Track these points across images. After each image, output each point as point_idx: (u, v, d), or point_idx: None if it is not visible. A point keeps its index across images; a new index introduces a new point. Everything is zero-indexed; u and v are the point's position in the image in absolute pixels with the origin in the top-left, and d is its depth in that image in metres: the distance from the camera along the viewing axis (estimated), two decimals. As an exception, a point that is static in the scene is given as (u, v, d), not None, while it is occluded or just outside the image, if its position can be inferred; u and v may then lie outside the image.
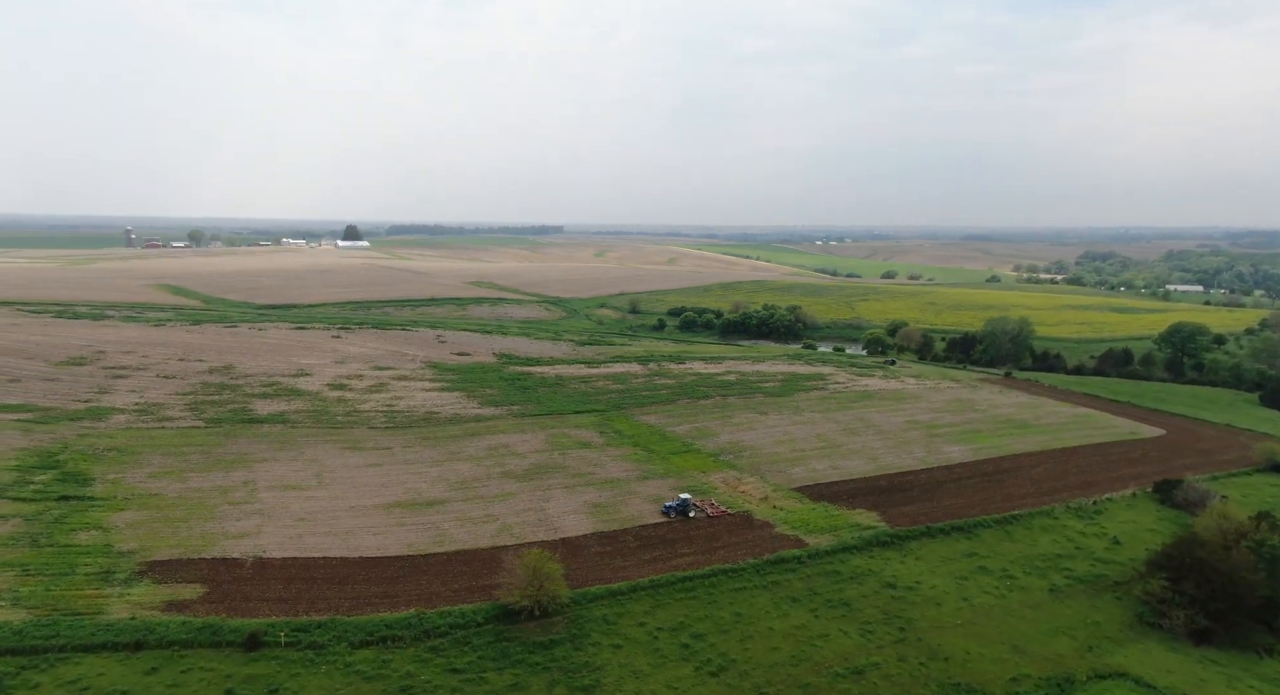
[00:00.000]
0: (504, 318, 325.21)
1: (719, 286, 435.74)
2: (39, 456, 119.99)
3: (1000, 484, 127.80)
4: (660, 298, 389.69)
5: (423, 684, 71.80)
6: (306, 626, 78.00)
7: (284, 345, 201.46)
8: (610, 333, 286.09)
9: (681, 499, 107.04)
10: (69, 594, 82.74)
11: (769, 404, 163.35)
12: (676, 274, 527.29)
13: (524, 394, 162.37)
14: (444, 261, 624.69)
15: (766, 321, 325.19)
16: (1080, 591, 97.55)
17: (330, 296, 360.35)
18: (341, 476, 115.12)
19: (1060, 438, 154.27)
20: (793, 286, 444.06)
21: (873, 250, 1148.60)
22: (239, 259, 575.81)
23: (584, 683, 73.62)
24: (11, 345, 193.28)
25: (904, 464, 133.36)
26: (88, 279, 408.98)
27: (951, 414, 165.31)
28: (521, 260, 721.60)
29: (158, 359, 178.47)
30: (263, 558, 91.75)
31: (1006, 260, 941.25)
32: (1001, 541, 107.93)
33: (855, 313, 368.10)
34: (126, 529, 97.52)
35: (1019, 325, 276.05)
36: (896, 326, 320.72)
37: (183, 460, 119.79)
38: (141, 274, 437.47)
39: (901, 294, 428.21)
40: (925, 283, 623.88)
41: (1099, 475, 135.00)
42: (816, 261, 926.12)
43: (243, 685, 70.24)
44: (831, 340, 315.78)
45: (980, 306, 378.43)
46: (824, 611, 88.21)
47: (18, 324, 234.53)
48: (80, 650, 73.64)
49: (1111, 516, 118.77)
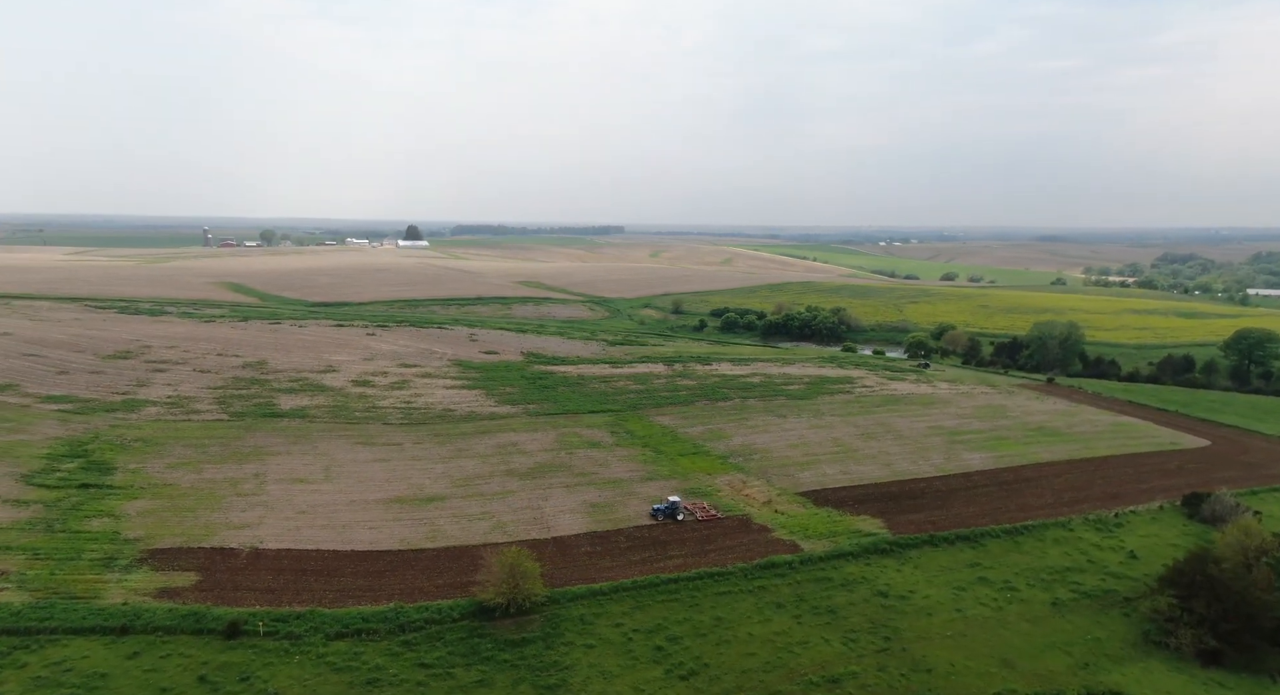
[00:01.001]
0: (546, 317, 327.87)
1: (766, 287, 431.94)
2: (70, 445, 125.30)
3: (1018, 493, 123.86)
4: (705, 298, 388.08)
5: (390, 677, 72.85)
6: (286, 617, 79.78)
7: (319, 342, 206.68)
8: (648, 333, 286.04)
9: (670, 501, 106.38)
10: (71, 578, 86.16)
11: (789, 407, 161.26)
12: (725, 274, 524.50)
13: (543, 393, 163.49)
14: (497, 261, 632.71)
15: (809, 323, 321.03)
16: (1085, 606, 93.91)
17: (381, 295, 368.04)
18: (349, 471, 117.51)
19: (1091, 447, 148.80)
20: (841, 288, 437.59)
21: (936, 251, 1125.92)
22: (302, 258, 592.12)
23: (550, 682, 73.76)
24: (67, 339, 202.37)
25: (919, 471, 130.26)
26: (157, 277, 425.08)
27: (979, 420, 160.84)
28: (575, 260, 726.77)
29: (197, 354, 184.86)
30: (258, 548, 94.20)
31: (1078, 262, 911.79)
32: (1008, 552, 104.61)
33: (903, 315, 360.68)
34: (136, 517, 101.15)
35: (1067, 329, 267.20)
36: (943, 329, 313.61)
37: (202, 452, 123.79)
38: (208, 272, 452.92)
39: (954, 296, 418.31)
40: (985, 285, 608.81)
41: (1127, 487, 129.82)
42: (875, 263, 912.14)
43: (216, 672, 72.21)
44: (876, 343, 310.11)
45: (1034, 310, 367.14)
46: (808, 618, 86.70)
47: (80, 319, 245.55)
48: (70, 633, 76.63)
49: (1132, 530, 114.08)
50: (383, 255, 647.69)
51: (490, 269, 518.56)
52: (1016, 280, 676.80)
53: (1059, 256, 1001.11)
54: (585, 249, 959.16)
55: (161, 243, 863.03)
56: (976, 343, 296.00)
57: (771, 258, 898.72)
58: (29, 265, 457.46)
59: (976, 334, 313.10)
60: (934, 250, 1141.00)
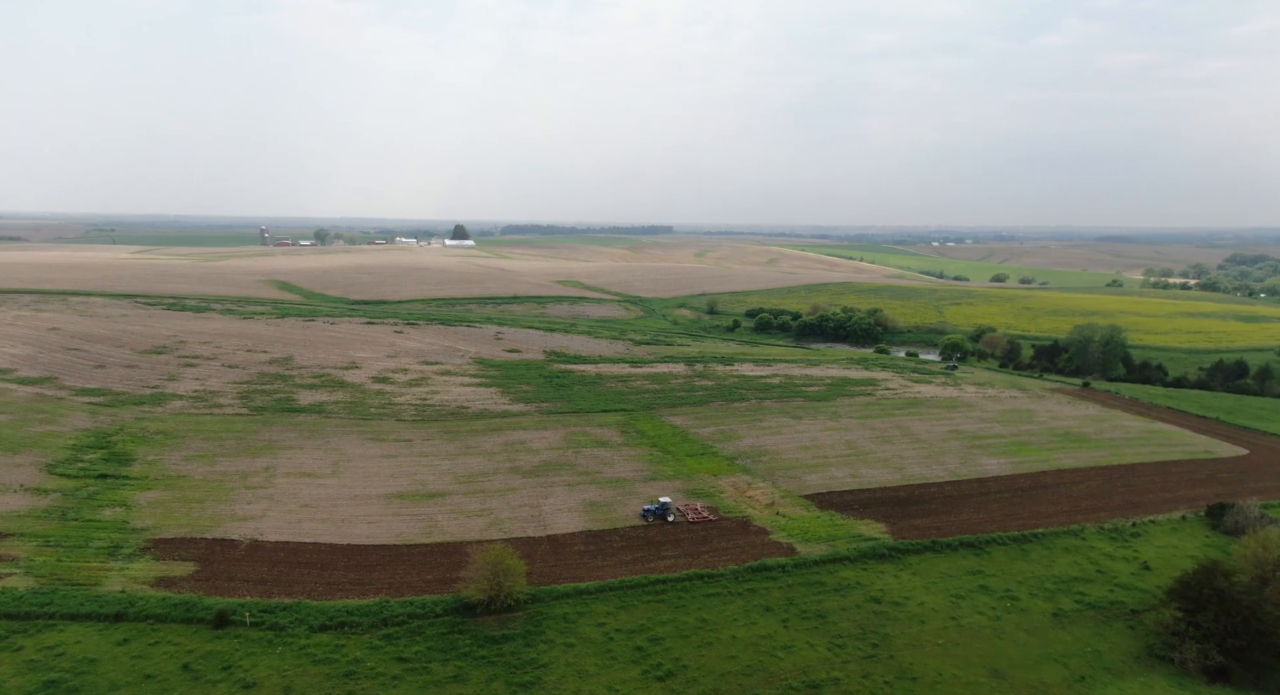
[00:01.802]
0: (580, 316, 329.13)
1: (803, 288, 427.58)
2: (95, 437, 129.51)
3: (1032, 500, 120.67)
4: (741, 298, 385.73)
5: (367, 670, 73.78)
6: (273, 608, 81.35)
7: (347, 339, 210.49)
8: (679, 333, 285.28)
9: (661, 502, 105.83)
10: (75, 566, 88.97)
11: (806, 408, 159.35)
12: (764, 275, 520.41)
13: (559, 391, 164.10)
14: (538, 261, 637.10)
15: (844, 324, 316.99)
16: (1088, 618, 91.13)
17: (419, 293, 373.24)
18: (357, 466, 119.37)
19: (1119, 454, 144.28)
20: (881, 289, 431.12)
21: (989, 252, 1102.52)
22: (348, 257, 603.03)
23: (524, 679, 73.95)
24: (110, 334, 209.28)
25: (932, 475, 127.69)
26: (209, 275, 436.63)
27: (1002, 425, 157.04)
28: (617, 260, 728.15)
29: (229, 349, 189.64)
30: (258, 540, 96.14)
31: (1140, 264, 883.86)
32: (1014, 560, 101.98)
33: (942, 317, 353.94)
34: (147, 507, 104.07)
35: (1109, 332, 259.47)
36: (982, 332, 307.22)
37: (218, 445, 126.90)
38: (257, 271, 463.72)
39: (997, 298, 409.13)
40: (1035, 286, 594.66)
41: (1150, 495, 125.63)
42: (925, 264, 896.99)
43: (201, 661, 73.93)
44: (912, 345, 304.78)
45: (1080, 312, 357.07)
46: (796, 622, 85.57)
47: (127, 315, 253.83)
48: (67, 618, 79.14)
49: (1150, 540, 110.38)
50: (427, 254, 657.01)
51: (530, 268, 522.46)
52: (1070, 282, 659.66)
53: (1121, 258, 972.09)
54: (629, 249, 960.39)
55: (221, 242, 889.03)
56: (1016, 345, 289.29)
57: (817, 258, 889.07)
58: (91, 263, 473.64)
59: (1017, 337, 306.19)
60: (988, 251, 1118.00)
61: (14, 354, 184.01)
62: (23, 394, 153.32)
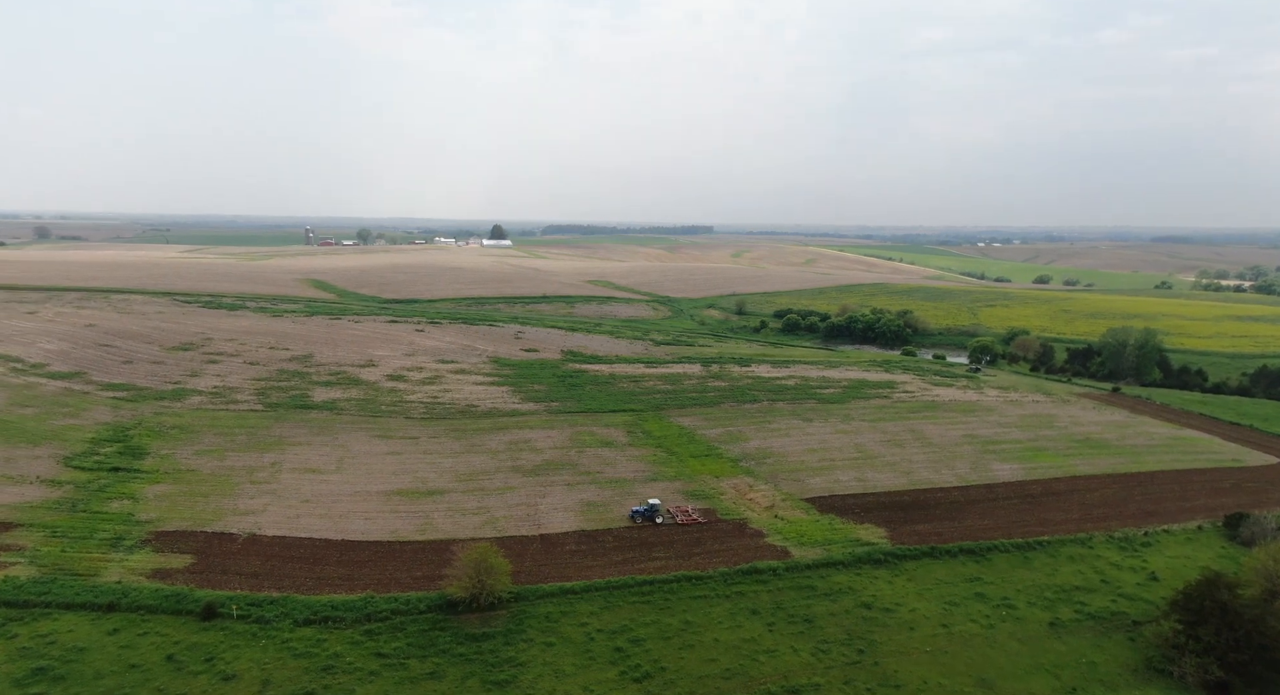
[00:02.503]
0: (607, 316, 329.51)
1: (835, 289, 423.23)
2: (114, 431, 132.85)
3: (1042, 507, 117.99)
4: (771, 299, 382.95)
5: (346, 665, 74.58)
6: (261, 601, 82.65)
7: (368, 337, 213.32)
8: (704, 333, 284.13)
9: (650, 504, 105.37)
10: (77, 556, 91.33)
11: (818, 411, 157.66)
12: (797, 275, 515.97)
13: (570, 391, 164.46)
14: (573, 261, 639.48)
15: (872, 326, 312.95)
16: (1087, 628, 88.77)
17: (451, 292, 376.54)
18: (361, 463, 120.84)
19: (1139, 461, 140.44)
20: (914, 290, 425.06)
21: (1037, 253, 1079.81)
22: (387, 256, 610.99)
23: (500, 678, 74.17)
24: (143, 330, 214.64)
25: (940, 480, 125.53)
26: (249, 273, 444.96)
27: (1020, 430, 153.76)
28: (652, 260, 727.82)
29: (252, 346, 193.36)
30: (256, 534, 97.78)
31: (1195, 265, 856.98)
32: (1015, 568, 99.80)
33: (976, 319, 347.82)
34: (154, 500, 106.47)
35: (1144, 336, 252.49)
36: (1014, 334, 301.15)
37: (230, 440, 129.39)
38: (296, 270, 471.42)
39: (1034, 300, 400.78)
40: (1081, 288, 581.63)
41: (1167, 504, 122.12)
42: (967, 265, 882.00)
43: (185, 652, 75.37)
44: (942, 347, 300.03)
45: (1120, 315, 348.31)
46: (782, 626, 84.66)
47: (163, 312, 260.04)
48: (62, 607, 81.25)
49: (1161, 550, 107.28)
50: (463, 254, 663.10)
51: (563, 268, 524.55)
52: (1118, 284, 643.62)
53: (1176, 259, 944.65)
54: (666, 248, 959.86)
55: (268, 241, 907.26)
56: (1049, 349, 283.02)
57: (856, 259, 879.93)
58: (138, 262, 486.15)
59: (1052, 340, 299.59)
60: (1035, 251, 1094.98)
61: (49, 349, 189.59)
62: (51, 388, 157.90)
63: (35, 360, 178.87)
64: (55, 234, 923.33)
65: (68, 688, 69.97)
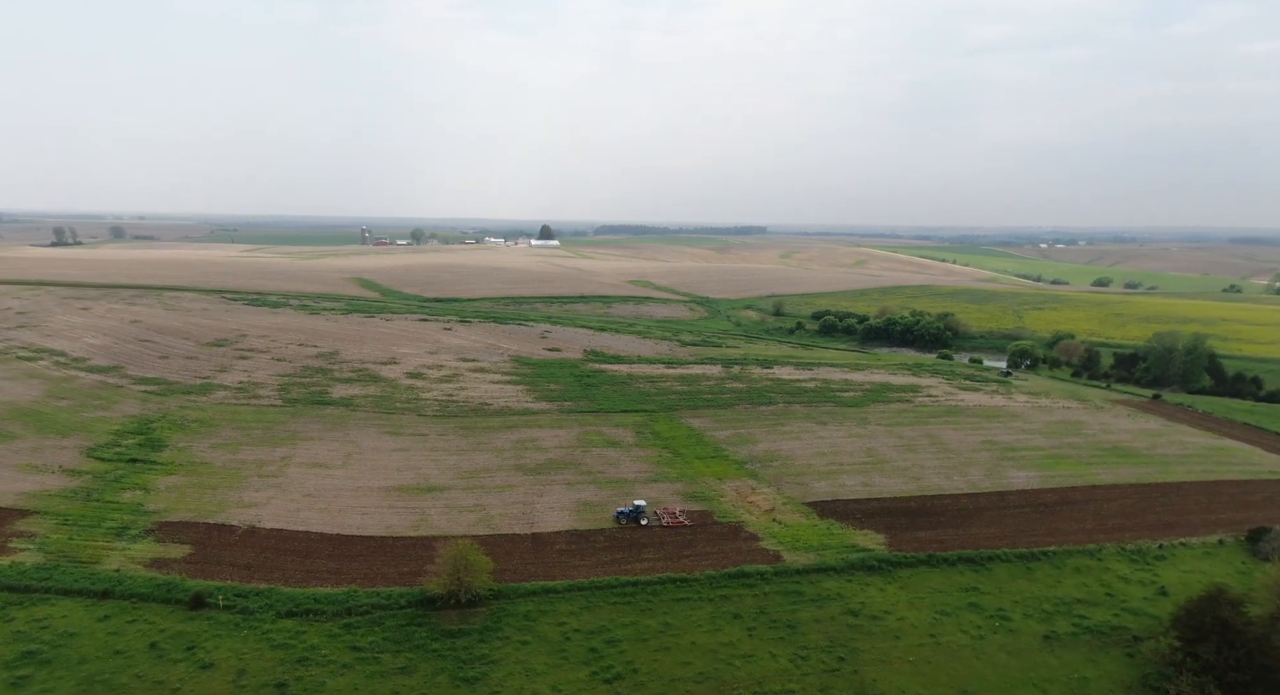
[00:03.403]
0: (642, 316, 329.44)
1: (877, 290, 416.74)
2: (139, 423, 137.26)
3: (1053, 516, 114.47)
4: (810, 300, 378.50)
5: (320, 657, 75.75)
6: (247, 592, 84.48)
7: (395, 335, 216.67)
8: (736, 335, 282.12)
9: (636, 505, 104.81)
10: (83, 544, 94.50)
11: (834, 414, 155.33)
12: (840, 277, 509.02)
13: (585, 390, 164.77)
14: (618, 261, 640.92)
15: (911, 328, 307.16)
16: (1083, 643, 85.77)
17: (491, 292, 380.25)
18: (368, 459, 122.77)
19: (1167, 471, 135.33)
20: (960, 292, 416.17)
21: (1100, 254, 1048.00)
22: (434, 256, 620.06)
23: (470, 674, 74.57)
24: (183, 326, 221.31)
25: (951, 486, 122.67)
26: (299, 272, 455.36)
27: (1044, 437, 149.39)
28: (698, 260, 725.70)
29: (282, 343, 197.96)
30: (255, 527, 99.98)
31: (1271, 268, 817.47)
32: (1015, 579, 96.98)
33: (1021, 322, 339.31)
34: (164, 491, 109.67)
35: (1192, 341, 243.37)
36: (1058, 338, 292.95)
37: (246, 434, 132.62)
38: (345, 269, 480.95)
39: (1085, 303, 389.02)
40: (1142, 291, 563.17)
41: (1189, 516, 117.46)
42: (1024, 267, 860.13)
43: (168, 640, 77.39)
44: (982, 351, 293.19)
45: (1177, 319, 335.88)
46: (763, 631, 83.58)
47: (208, 309, 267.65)
48: (60, 593, 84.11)
49: (1175, 564, 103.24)
50: (510, 254, 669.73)
51: (605, 268, 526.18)
52: (1183, 287, 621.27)
53: (1251, 261, 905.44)
54: (715, 249, 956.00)
55: (326, 241, 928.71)
56: (1095, 353, 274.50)
57: (908, 260, 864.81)
58: (196, 260, 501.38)
59: (1099, 344, 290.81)
60: (1099, 253, 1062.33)
61: (92, 344, 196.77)
62: (88, 381, 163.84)
63: (78, 354, 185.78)
64: (129, 234, 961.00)
65: (53, 671, 72.34)
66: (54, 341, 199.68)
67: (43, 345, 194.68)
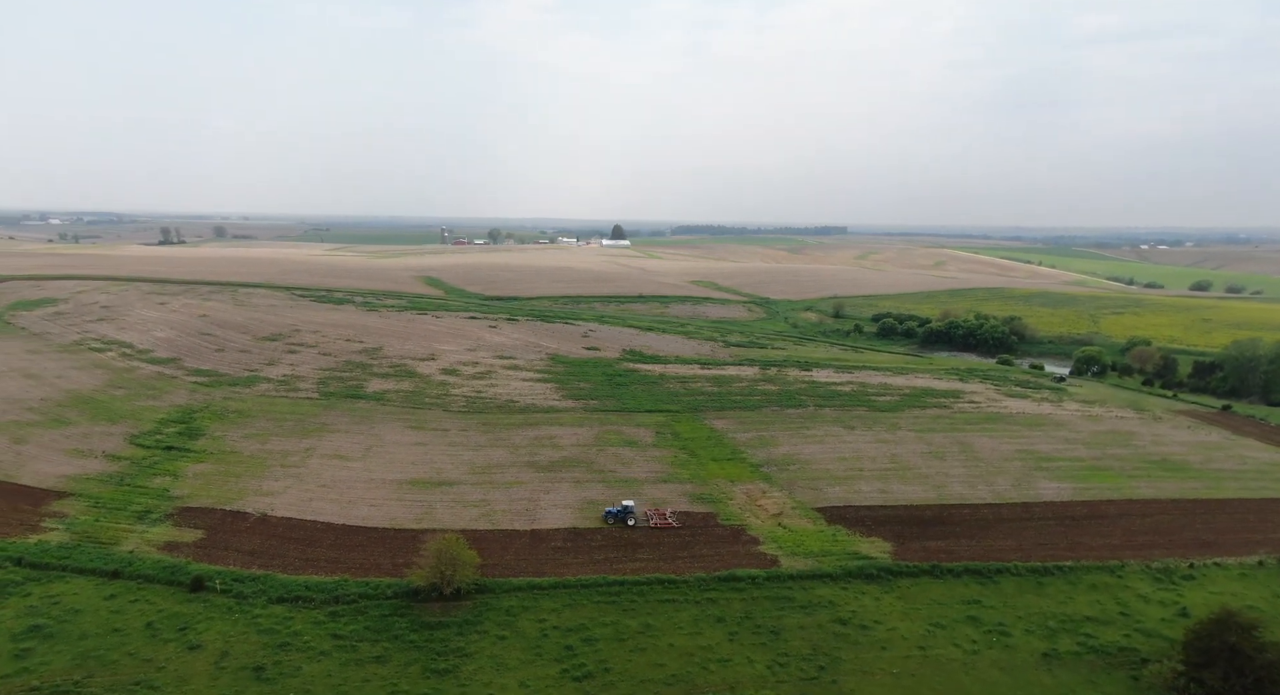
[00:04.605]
0: (697, 316, 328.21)
1: (946, 293, 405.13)
2: (182, 413, 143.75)
3: (1079, 530, 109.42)
4: (874, 302, 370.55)
5: (301, 643, 77.98)
6: (244, 578, 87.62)
7: (441, 332, 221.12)
8: (789, 336, 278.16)
9: (624, 506, 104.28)
10: (106, 526, 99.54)
11: (864, 418, 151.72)
12: (911, 278, 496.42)
13: (613, 390, 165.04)
14: (685, 261, 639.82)
15: (974, 332, 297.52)
16: (1085, 663, 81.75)
17: (551, 290, 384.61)
18: (387, 452, 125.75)
19: (1216, 487, 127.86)
20: (1034, 295, 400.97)
21: (1204, 256, 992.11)
22: (504, 256, 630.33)
23: (441, 666, 75.64)
24: (244, 321, 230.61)
25: (974, 496, 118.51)
26: (371, 271, 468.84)
27: (1086, 447, 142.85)
28: (767, 261, 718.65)
29: (331, 338, 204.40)
30: (267, 515, 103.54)
31: None
32: (1024, 593, 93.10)
33: (1096, 327, 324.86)
34: (191, 478, 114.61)
35: (1275, 349, 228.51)
36: (1132, 344, 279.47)
37: (278, 425, 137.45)
38: (415, 267, 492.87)
39: (1171, 308, 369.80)
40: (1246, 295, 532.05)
41: (1231, 535, 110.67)
42: (1118, 269, 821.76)
43: (164, 620, 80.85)
44: (1051, 357, 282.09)
45: (1272, 326, 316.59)
46: (745, 636, 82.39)
47: (274, 305, 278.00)
48: (76, 572, 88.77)
49: (1204, 584, 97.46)
50: (579, 253, 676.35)
51: (670, 268, 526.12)
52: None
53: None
54: (789, 249, 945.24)
55: (409, 240, 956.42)
56: (1171, 361, 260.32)
57: (990, 261, 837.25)
58: (279, 258, 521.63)
59: (1179, 351, 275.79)
60: (1204, 255, 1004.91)
61: (159, 337, 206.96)
62: (147, 371, 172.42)
63: (144, 346, 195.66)
64: (230, 233, 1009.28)
65: (53, 645, 76.39)
66: (126, 334, 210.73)
67: (115, 337, 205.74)
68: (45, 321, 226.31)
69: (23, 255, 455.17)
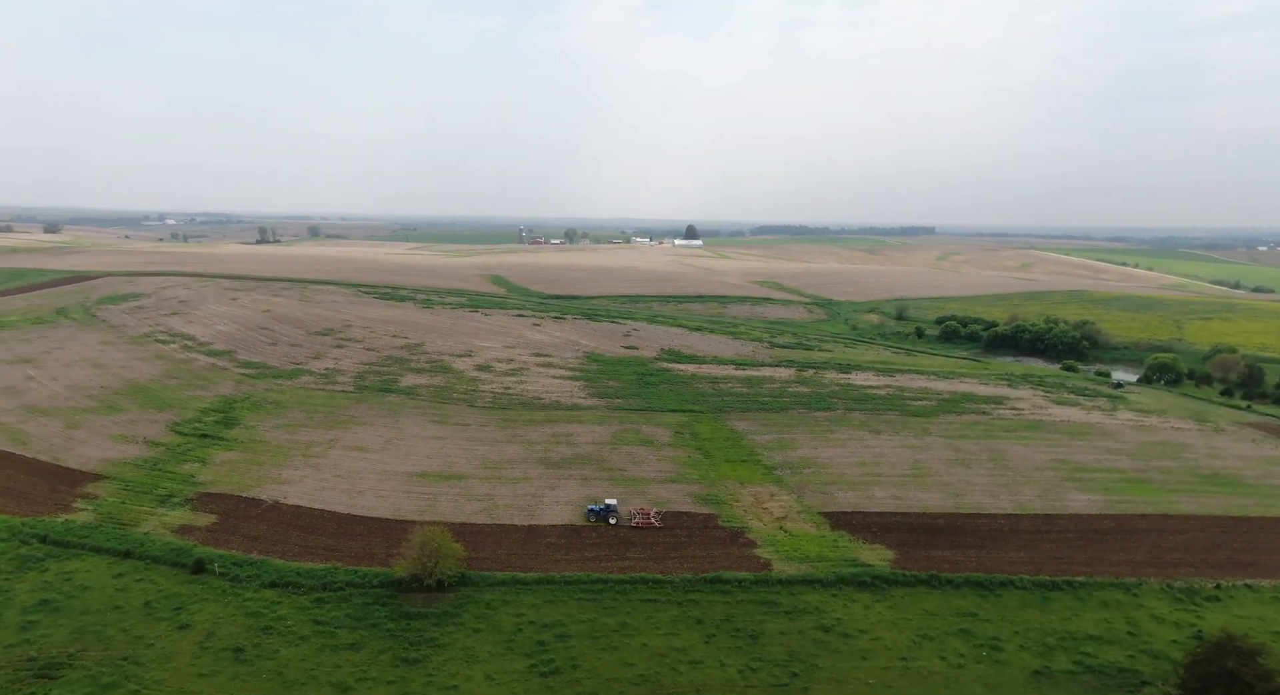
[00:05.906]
0: (754, 316, 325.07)
1: (1020, 295, 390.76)
2: (225, 403, 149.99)
3: (1101, 545, 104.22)
4: (942, 304, 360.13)
5: (284, 627, 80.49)
6: (243, 562, 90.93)
7: (484, 329, 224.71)
8: (843, 338, 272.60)
9: (607, 504, 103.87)
10: (130, 508, 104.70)
11: (894, 423, 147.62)
12: (985, 280, 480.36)
13: (641, 389, 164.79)
14: (754, 261, 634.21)
15: (1042, 337, 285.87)
16: (1078, 683, 77.86)
17: (611, 290, 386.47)
18: (405, 445, 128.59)
19: (1267, 504, 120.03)
20: (1115, 299, 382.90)
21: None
22: (573, 256, 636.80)
23: (413, 656, 76.99)
24: (302, 317, 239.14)
25: (993, 505, 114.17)
26: (440, 269, 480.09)
27: (1130, 458, 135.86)
28: (842, 261, 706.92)
29: (379, 334, 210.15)
30: (279, 503, 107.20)
31: None
32: (1026, 608, 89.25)
33: (1179, 333, 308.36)
34: (218, 465, 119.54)
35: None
36: (1216, 352, 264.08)
37: (309, 416, 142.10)
38: (483, 266, 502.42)
39: (1269, 314, 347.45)
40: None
41: (1272, 556, 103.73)
42: (1224, 272, 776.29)
43: (161, 600, 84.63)
44: (1125, 363, 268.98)
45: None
46: (722, 639, 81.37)
47: (336, 302, 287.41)
48: (92, 550, 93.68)
49: (1229, 607, 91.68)
50: (649, 253, 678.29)
51: (737, 268, 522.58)
52: None
53: None
54: (867, 250, 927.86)
55: (487, 240, 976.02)
56: (1257, 370, 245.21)
57: (1079, 263, 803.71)
58: (355, 257, 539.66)
59: (1271, 360, 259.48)
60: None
61: (220, 330, 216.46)
62: (202, 363, 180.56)
63: (204, 339, 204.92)
64: (324, 233, 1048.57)
65: (57, 619, 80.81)
66: (192, 327, 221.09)
67: (181, 330, 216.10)
68: (125, 314, 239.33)
69: (128, 253, 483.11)
